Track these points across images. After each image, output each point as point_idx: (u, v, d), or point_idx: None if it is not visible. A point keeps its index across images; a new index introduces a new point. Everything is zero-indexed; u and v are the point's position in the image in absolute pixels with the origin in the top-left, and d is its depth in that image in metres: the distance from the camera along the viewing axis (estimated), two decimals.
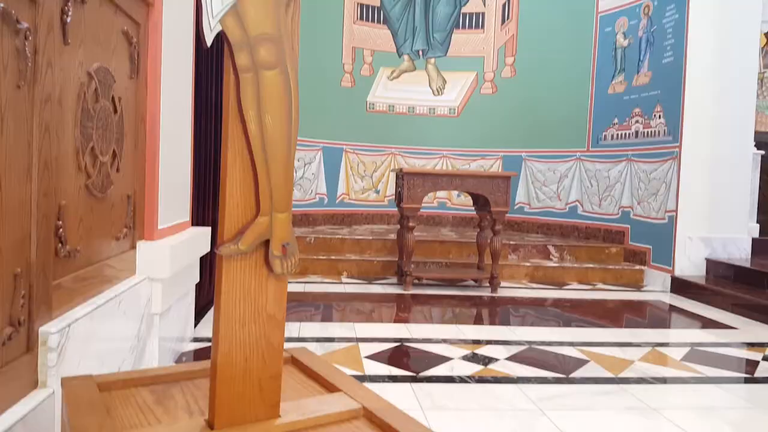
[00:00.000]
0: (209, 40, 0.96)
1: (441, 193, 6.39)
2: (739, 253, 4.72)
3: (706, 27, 4.61)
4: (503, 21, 6.40)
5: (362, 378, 2.37)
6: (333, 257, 4.84)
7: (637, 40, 5.24)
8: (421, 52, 6.56)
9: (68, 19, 1.45)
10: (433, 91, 6.62)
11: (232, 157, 0.95)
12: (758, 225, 5.68)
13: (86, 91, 1.58)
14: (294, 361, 1.25)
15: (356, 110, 6.40)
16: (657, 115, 4.93)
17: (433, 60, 6.58)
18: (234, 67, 0.98)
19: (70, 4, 1.45)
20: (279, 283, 0.97)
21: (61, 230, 1.46)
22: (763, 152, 5.82)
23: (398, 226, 4.67)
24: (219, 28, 1.02)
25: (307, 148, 5.92)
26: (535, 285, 4.74)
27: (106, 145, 1.73)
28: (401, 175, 4.28)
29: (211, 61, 3.11)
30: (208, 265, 3.04)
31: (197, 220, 2.88)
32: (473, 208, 4.73)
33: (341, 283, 4.52)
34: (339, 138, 6.26)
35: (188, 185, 2.59)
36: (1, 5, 1.16)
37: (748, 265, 4.46)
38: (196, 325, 2.93)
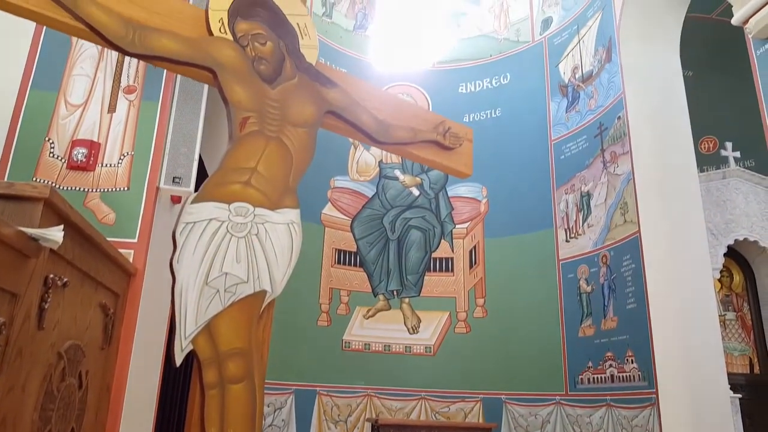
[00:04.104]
0: (179, 360, 1.00)
1: None
2: None
3: (662, 276, 4.90)
4: (471, 266, 6.79)
5: None
6: None
7: (600, 286, 5.52)
8: (395, 292, 6.79)
9: (46, 306, 1.50)
10: (408, 329, 6.69)
11: None
12: None
13: (53, 372, 1.56)
14: None
15: (332, 349, 6.34)
16: (629, 360, 4.98)
17: (407, 299, 6.78)
18: (201, 383, 1.00)
19: (50, 291, 1.52)
20: None
21: None
22: (740, 395, 5.76)
23: None
24: (190, 347, 1.07)
25: (278, 391, 5.71)
26: None
27: (65, 424, 1.65)
28: (377, 427, 4.09)
29: None
30: None
31: None
32: None
33: None
34: (312, 379, 6.08)
35: None
36: None
37: None
38: None
